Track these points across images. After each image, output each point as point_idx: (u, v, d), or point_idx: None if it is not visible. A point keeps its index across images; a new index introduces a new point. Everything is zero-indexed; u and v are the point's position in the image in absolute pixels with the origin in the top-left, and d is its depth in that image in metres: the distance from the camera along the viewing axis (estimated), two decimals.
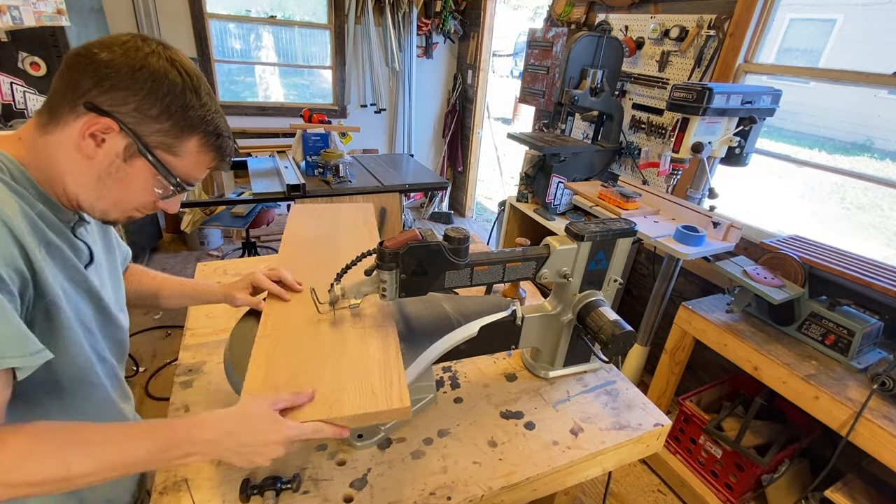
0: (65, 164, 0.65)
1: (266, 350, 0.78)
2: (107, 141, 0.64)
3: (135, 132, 0.64)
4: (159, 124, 0.65)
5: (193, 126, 0.67)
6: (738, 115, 1.81)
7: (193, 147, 0.69)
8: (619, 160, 2.69)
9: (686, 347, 1.90)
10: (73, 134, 0.63)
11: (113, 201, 0.69)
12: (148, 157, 0.66)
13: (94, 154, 0.64)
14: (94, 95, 0.62)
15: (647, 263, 2.62)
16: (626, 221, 1.01)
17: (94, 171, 0.65)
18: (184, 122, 0.66)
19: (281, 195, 2.38)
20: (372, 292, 0.88)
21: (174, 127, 0.66)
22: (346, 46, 4.07)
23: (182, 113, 0.65)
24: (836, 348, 1.50)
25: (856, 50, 7.05)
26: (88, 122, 0.62)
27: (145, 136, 0.65)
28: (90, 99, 0.62)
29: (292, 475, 0.80)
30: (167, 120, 0.65)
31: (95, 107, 0.62)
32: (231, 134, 0.74)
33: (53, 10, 2.34)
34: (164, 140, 0.66)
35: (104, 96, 0.62)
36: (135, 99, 0.62)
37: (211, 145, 0.71)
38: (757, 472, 1.68)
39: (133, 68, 0.62)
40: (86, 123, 0.62)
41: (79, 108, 0.62)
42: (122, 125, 0.63)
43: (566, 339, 1.07)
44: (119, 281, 0.87)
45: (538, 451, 0.91)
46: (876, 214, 6.14)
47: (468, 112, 4.59)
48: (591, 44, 2.28)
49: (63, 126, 0.63)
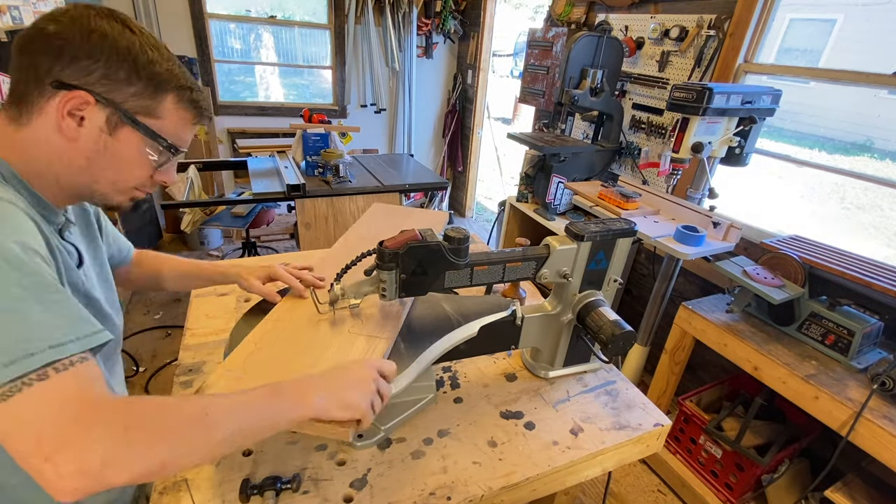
0: (51, 154, 0.62)
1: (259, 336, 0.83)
2: (86, 118, 0.61)
3: (110, 100, 0.62)
4: (132, 87, 0.62)
5: (165, 82, 0.65)
6: (738, 115, 1.81)
7: (171, 104, 0.67)
8: (619, 160, 2.69)
9: (686, 347, 1.90)
10: (51, 117, 0.60)
11: (110, 181, 0.67)
12: (131, 123, 0.64)
13: (77, 135, 0.62)
14: (57, 72, 0.59)
15: (647, 263, 2.62)
16: (626, 221, 1.01)
17: (83, 152, 0.63)
18: (154, 79, 0.64)
19: (281, 195, 2.38)
20: (372, 292, 0.88)
21: (147, 86, 0.64)
22: (346, 46, 4.07)
23: (149, 69, 0.63)
24: (836, 348, 1.50)
25: (856, 50, 7.05)
26: (62, 101, 0.59)
27: (123, 103, 0.63)
28: (55, 76, 0.59)
29: (292, 475, 0.80)
30: (138, 80, 0.63)
31: (63, 83, 0.59)
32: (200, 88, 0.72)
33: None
34: (141, 103, 0.64)
35: (68, 70, 0.59)
36: (98, 65, 0.60)
37: (187, 100, 0.69)
38: (757, 472, 1.68)
39: (85, 34, 0.59)
40: (60, 102, 0.59)
41: (47, 89, 0.59)
42: (96, 95, 0.61)
43: (566, 339, 1.07)
44: (109, 280, 0.86)
45: (538, 451, 0.91)
46: (876, 214, 6.14)
47: (468, 112, 4.59)
48: (591, 44, 2.28)
49: (38, 112, 0.61)
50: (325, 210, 2.52)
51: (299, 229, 2.50)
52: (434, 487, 0.81)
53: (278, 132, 4.08)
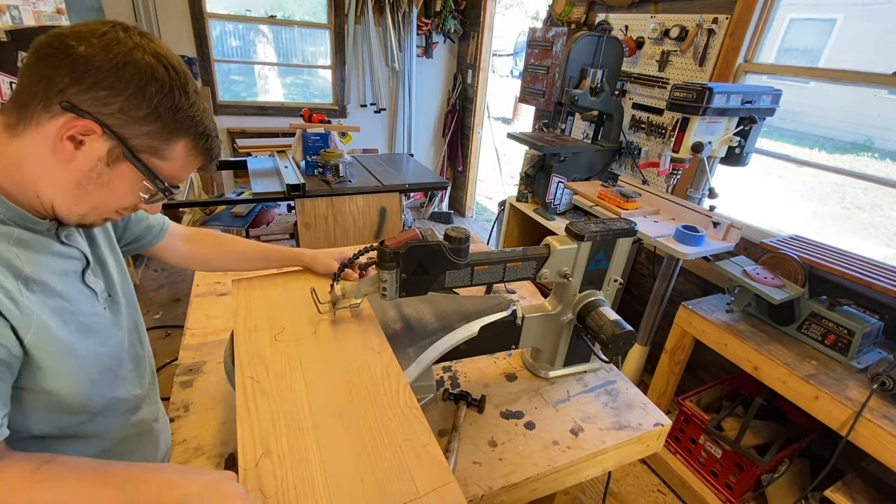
0: (38, 169, 0.59)
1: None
2: (86, 143, 0.58)
3: (119, 135, 0.58)
4: (146, 126, 0.59)
5: (183, 128, 0.62)
6: (738, 115, 1.80)
7: (182, 150, 0.64)
8: (619, 160, 2.69)
9: (686, 347, 1.90)
10: (48, 136, 0.57)
11: (93, 206, 0.64)
12: (134, 161, 0.60)
13: (71, 158, 0.58)
14: (72, 94, 0.55)
15: (647, 263, 2.62)
16: (626, 221, 1.01)
17: (73, 175, 0.59)
18: (173, 124, 0.61)
19: (281, 195, 2.38)
20: (372, 292, 0.88)
21: (162, 129, 0.61)
22: (345, 46, 4.07)
23: (171, 115, 0.60)
24: (836, 348, 1.50)
25: (856, 50, 7.05)
26: (66, 124, 0.56)
27: (131, 139, 0.59)
28: (68, 98, 0.55)
29: None
30: (155, 122, 0.59)
31: (74, 106, 0.55)
32: (217, 133, 0.70)
33: (53, 10, 2.34)
34: (150, 143, 0.61)
35: (84, 95, 0.55)
36: (119, 99, 0.56)
37: (200, 148, 0.66)
38: (757, 471, 1.68)
39: (117, 65, 0.56)
40: (63, 125, 0.56)
41: (54, 107, 0.56)
42: (105, 127, 0.57)
43: (566, 338, 1.07)
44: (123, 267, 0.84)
45: (538, 450, 0.91)
46: (876, 214, 6.14)
47: (468, 112, 4.58)
48: (591, 43, 2.28)
49: (35, 127, 0.57)
50: (324, 210, 2.52)
51: (299, 229, 2.50)
52: None
53: (278, 132, 4.08)
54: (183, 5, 3.52)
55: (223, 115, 3.93)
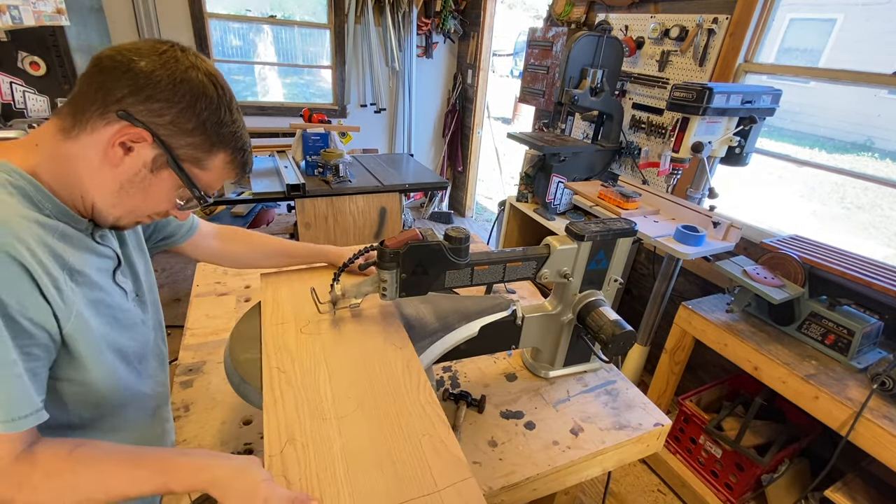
0: (87, 170, 0.63)
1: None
2: (135, 150, 0.63)
3: (167, 144, 0.63)
4: (192, 138, 0.65)
5: (224, 142, 0.68)
6: (738, 115, 1.80)
7: (220, 162, 0.69)
8: (619, 160, 2.69)
9: (686, 347, 1.90)
10: (101, 140, 0.61)
11: (129, 209, 0.69)
12: (176, 168, 0.65)
13: (120, 162, 0.63)
14: (129, 104, 0.60)
15: (647, 263, 2.62)
16: (626, 221, 1.01)
17: (118, 179, 0.64)
18: (216, 137, 0.66)
19: (281, 195, 2.38)
20: (372, 292, 0.88)
21: (206, 142, 0.66)
22: (345, 46, 4.07)
23: (216, 129, 0.66)
24: (836, 348, 1.50)
25: (856, 50, 7.05)
26: (121, 131, 0.61)
27: (176, 149, 0.64)
28: (125, 107, 0.60)
29: None
30: (200, 134, 0.65)
31: (130, 115, 0.60)
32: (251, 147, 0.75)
33: (53, 10, 2.34)
34: (193, 153, 0.66)
35: (140, 106, 0.61)
36: (171, 112, 0.62)
37: (237, 161, 0.71)
38: (757, 471, 1.68)
39: (174, 81, 0.61)
40: (118, 132, 0.61)
41: (110, 115, 0.60)
42: (156, 136, 0.62)
43: (566, 338, 1.07)
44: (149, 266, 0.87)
45: (538, 450, 0.91)
46: (876, 214, 6.14)
47: (468, 112, 4.58)
48: (591, 43, 2.28)
49: (91, 132, 0.61)
50: (324, 210, 2.52)
51: (299, 229, 2.50)
52: None
53: (278, 132, 4.06)
54: (183, 5, 3.51)
55: None
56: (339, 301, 0.89)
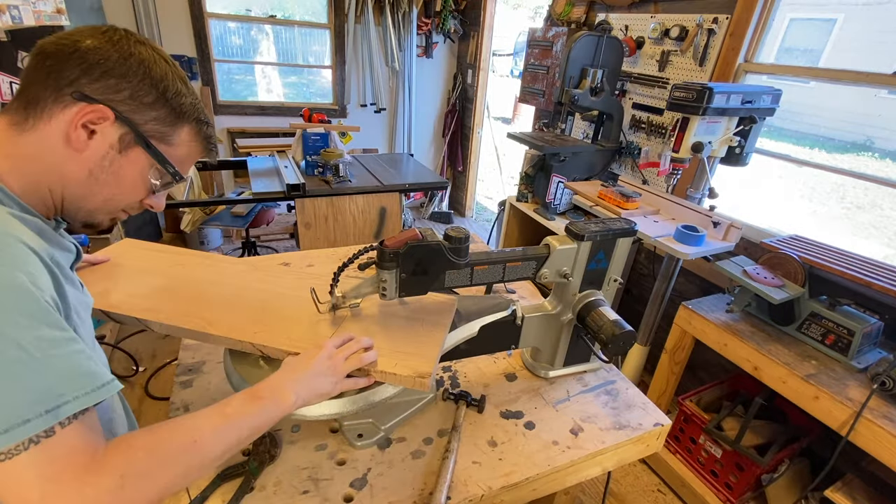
0: (51, 162, 0.61)
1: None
2: (98, 132, 0.60)
3: (130, 120, 0.62)
4: (155, 111, 0.63)
5: (186, 114, 0.66)
6: (739, 115, 1.80)
7: (186, 136, 0.68)
8: (619, 160, 2.69)
9: (686, 347, 1.90)
10: (62, 125, 0.59)
11: (103, 198, 0.66)
12: (144, 145, 0.64)
13: (84, 146, 0.60)
14: (83, 84, 0.58)
15: (647, 263, 2.62)
16: (626, 221, 1.00)
17: (85, 164, 0.62)
18: (178, 109, 0.65)
19: (281, 195, 2.38)
20: (372, 292, 0.88)
21: (170, 114, 0.65)
22: (345, 46, 4.07)
23: (176, 100, 0.65)
24: (836, 348, 1.50)
25: (856, 49, 7.05)
26: (80, 111, 0.59)
27: (141, 125, 0.63)
28: (79, 88, 0.58)
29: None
30: (162, 107, 0.64)
31: (86, 95, 0.59)
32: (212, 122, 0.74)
33: (53, 10, 2.34)
34: (159, 129, 0.64)
35: (95, 84, 0.59)
36: (129, 85, 0.60)
37: (202, 134, 0.70)
38: (757, 471, 1.68)
39: (123, 55, 0.60)
40: (78, 113, 0.59)
41: (66, 98, 0.58)
42: (117, 113, 0.60)
43: (566, 338, 1.07)
44: None
45: (538, 450, 0.91)
46: (876, 214, 6.14)
47: (468, 112, 4.58)
48: (591, 43, 2.28)
49: (48, 119, 0.59)
50: (325, 210, 2.52)
51: (299, 229, 2.50)
52: (434, 487, 0.81)
53: (278, 132, 4.08)
54: (183, 5, 3.51)
55: (223, 114, 3.93)
56: (339, 301, 0.89)
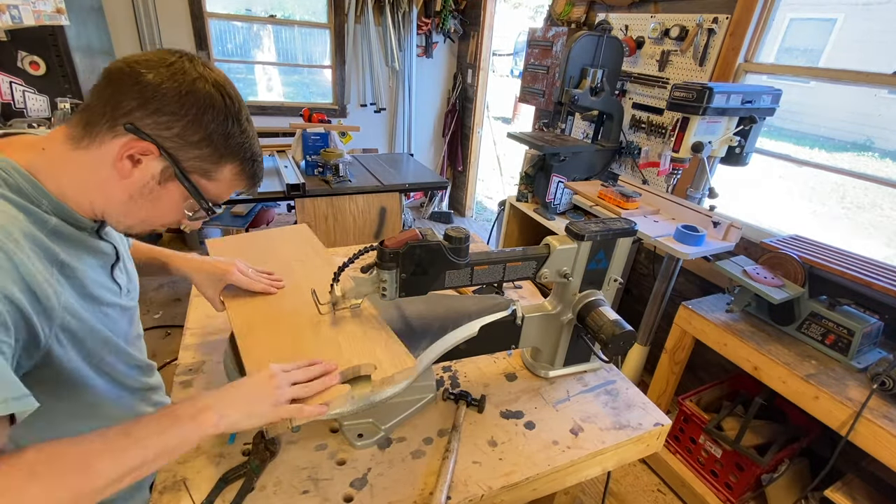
0: (95, 181, 0.64)
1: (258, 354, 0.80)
2: (143, 162, 0.63)
3: (174, 157, 0.64)
4: (199, 150, 0.65)
5: (232, 153, 0.68)
6: (739, 115, 1.80)
7: (229, 173, 0.70)
8: (619, 160, 2.69)
9: (686, 347, 1.90)
10: (110, 153, 0.62)
11: (141, 219, 0.70)
12: (183, 182, 0.66)
13: (129, 174, 0.64)
14: (137, 117, 0.61)
15: (647, 263, 2.62)
16: (626, 221, 1.00)
17: (127, 190, 0.65)
18: (224, 149, 0.67)
19: (281, 195, 2.38)
20: (372, 292, 0.88)
21: (213, 154, 0.66)
22: (345, 46, 4.06)
23: (223, 141, 0.66)
24: (836, 348, 1.50)
25: (856, 49, 7.05)
26: (128, 144, 0.61)
27: (183, 161, 0.65)
28: (132, 120, 0.61)
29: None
30: (207, 147, 0.65)
31: (137, 129, 0.61)
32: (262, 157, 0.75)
33: (53, 10, 2.34)
34: (201, 165, 0.67)
35: (147, 119, 0.61)
36: (179, 125, 0.62)
37: (246, 172, 0.72)
38: (757, 471, 1.68)
39: (180, 93, 0.61)
40: (125, 145, 0.61)
41: (118, 127, 0.61)
42: (163, 150, 0.63)
43: (566, 338, 1.07)
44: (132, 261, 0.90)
45: (538, 450, 0.91)
46: (876, 214, 6.14)
47: (468, 111, 4.58)
48: (591, 43, 2.28)
49: (100, 144, 0.62)
50: (325, 209, 2.52)
51: None
52: (434, 487, 0.81)
53: (278, 131, 4.06)
54: (183, 5, 3.51)
55: None
56: (339, 302, 0.89)
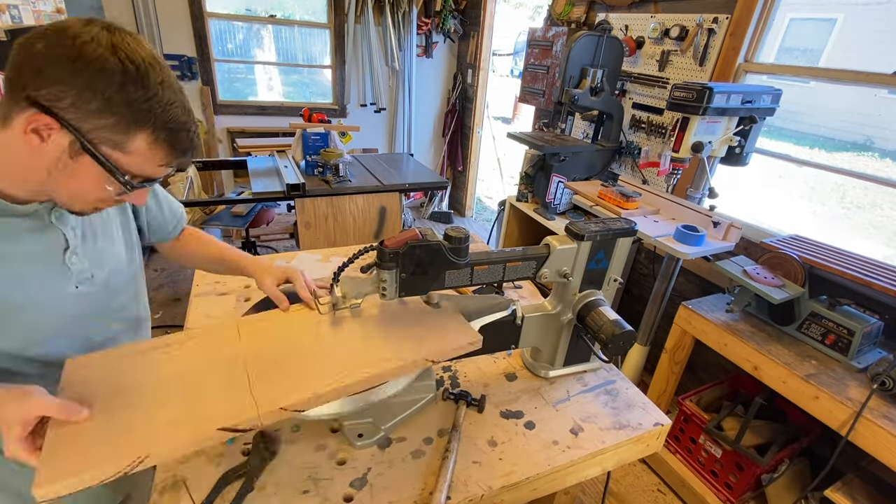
0: (18, 159, 0.64)
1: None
2: (51, 136, 0.61)
3: (76, 128, 0.60)
4: (102, 119, 0.60)
5: (140, 121, 0.62)
6: (739, 115, 1.80)
7: (143, 143, 0.64)
8: (619, 160, 2.69)
9: (686, 347, 1.90)
10: (19, 129, 0.60)
11: (69, 195, 0.68)
12: (93, 154, 0.62)
13: (40, 149, 0.62)
14: (33, 89, 0.58)
15: (647, 263, 2.62)
16: (626, 221, 1.00)
17: (43, 164, 0.63)
18: (129, 116, 0.61)
19: (281, 194, 2.38)
20: (372, 292, 0.88)
21: (119, 122, 0.61)
22: (345, 45, 4.07)
23: (125, 107, 0.61)
24: (836, 348, 1.50)
25: (856, 49, 7.05)
26: (29, 118, 0.59)
27: (88, 133, 0.61)
28: (30, 93, 0.59)
29: None
30: (110, 115, 0.60)
31: (35, 101, 0.59)
32: (193, 126, 0.69)
33: (53, 10, 2.34)
34: (109, 136, 0.62)
35: (43, 90, 0.58)
36: (71, 93, 0.58)
37: (162, 140, 0.65)
38: (757, 471, 1.68)
39: (69, 59, 0.57)
40: (27, 119, 0.59)
41: (21, 102, 0.59)
42: (63, 121, 0.59)
43: (566, 338, 1.07)
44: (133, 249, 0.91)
45: (538, 450, 0.91)
46: (876, 214, 6.14)
47: (468, 111, 4.58)
48: (591, 43, 2.28)
49: (11, 122, 0.61)
50: (325, 209, 2.52)
51: (299, 229, 2.50)
52: (434, 487, 0.81)
53: (278, 131, 4.08)
54: (183, 5, 3.51)
55: (223, 114, 3.93)
56: (339, 302, 0.89)
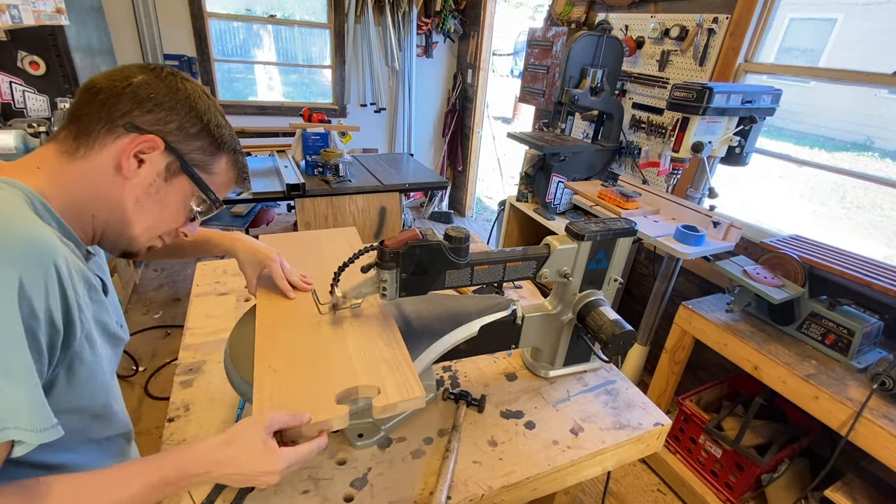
0: (98, 190, 0.64)
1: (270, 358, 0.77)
2: (146, 161, 0.65)
3: (177, 149, 0.67)
4: (198, 141, 0.69)
5: (224, 144, 0.72)
6: (739, 115, 1.80)
7: (224, 165, 0.74)
8: (619, 160, 2.69)
9: (686, 347, 1.90)
10: (113, 155, 0.63)
11: (146, 225, 0.69)
12: (189, 173, 0.69)
13: (134, 174, 0.65)
14: (135, 116, 0.63)
15: (647, 263, 2.62)
16: (626, 221, 1.00)
17: (133, 192, 0.66)
18: (219, 139, 0.71)
19: (280, 194, 2.38)
20: (372, 292, 0.88)
21: (210, 145, 0.70)
22: (345, 45, 4.07)
23: (217, 131, 0.70)
24: (836, 348, 1.50)
25: (856, 49, 7.05)
26: (133, 141, 0.63)
27: (186, 154, 0.68)
28: (131, 120, 0.63)
29: None
30: (205, 137, 0.69)
31: (138, 127, 0.63)
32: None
33: (53, 9, 2.34)
34: (201, 158, 0.70)
35: (146, 116, 0.64)
36: (177, 117, 0.66)
37: (236, 163, 0.76)
38: (757, 471, 1.68)
39: (171, 90, 0.66)
40: (131, 142, 0.63)
41: (118, 129, 0.63)
42: (167, 143, 0.65)
43: (566, 338, 1.07)
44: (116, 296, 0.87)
45: (538, 450, 0.91)
46: (876, 214, 6.14)
47: (468, 111, 4.58)
48: (591, 43, 2.28)
49: (100, 148, 0.63)
50: (324, 209, 2.52)
51: (299, 228, 2.50)
52: (434, 487, 0.81)
53: (278, 131, 4.05)
54: (183, 5, 3.51)
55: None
56: (340, 302, 0.89)
